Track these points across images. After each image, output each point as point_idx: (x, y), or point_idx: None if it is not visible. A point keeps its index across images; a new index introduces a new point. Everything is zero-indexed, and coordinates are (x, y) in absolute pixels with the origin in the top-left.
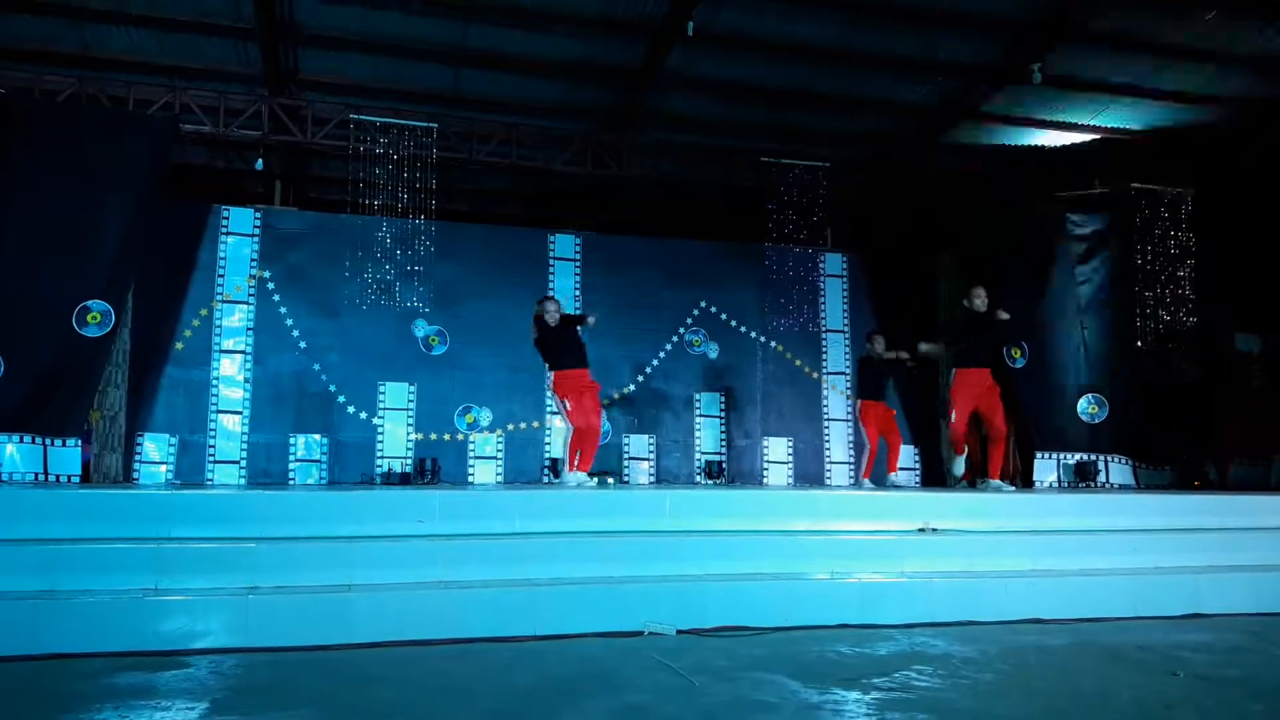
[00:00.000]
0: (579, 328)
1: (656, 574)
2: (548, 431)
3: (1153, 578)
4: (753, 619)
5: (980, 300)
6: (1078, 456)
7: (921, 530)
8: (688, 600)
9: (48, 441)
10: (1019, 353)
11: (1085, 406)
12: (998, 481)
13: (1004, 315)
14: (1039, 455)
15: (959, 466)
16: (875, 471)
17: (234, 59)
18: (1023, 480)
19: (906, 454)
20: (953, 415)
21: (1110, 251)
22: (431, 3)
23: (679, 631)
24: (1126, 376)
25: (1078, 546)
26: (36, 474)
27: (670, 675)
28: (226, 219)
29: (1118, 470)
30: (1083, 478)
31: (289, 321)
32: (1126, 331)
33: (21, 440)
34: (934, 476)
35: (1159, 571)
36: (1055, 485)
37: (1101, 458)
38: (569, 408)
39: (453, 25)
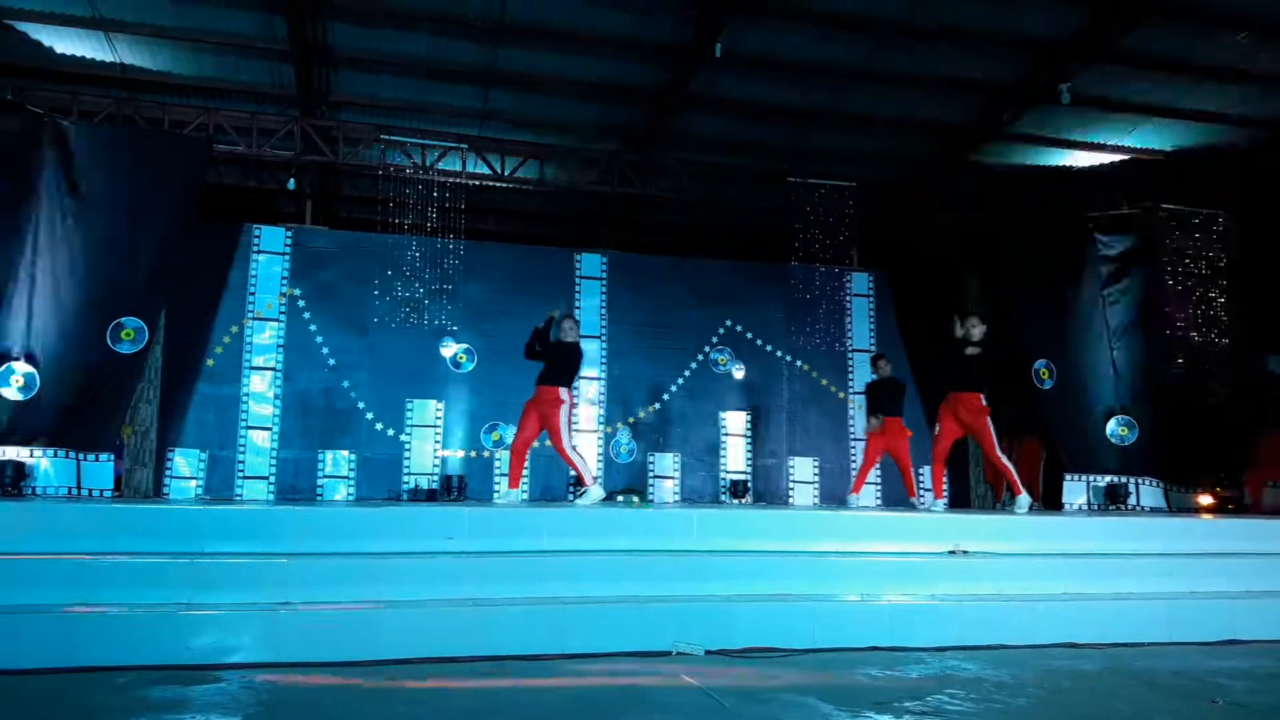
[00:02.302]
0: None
1: (684, 594)
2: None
3: (1187, 603)
4: (782, 640)
5: (976, 331)
6: (1108, 479)
7: (952, 552)
8: (716, 620)
9: (81, 456)
10: (1047, 374)
11: (1115, 428)
12: (1023, 496)
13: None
14: (1068, 478)
15: (938, 505)
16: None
17: (268, 80)
18: (1053, 503)
19: (930, 476)
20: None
21: (1140, 272)
22: (462, 25)
23: (707, 652)
24: (1157, 398)
25: (1110, 570)
26: (70, 488)
27: (701, 696)
28: (258, 237)
29: (1148, 493)
30: (1113, 500)
31: (319, 339)
32: (1157, 353)
33: (55, 455)
34: (961, 499)
35: (1193, 596)
36: (1085, 508)
37: (1132, 480)
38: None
39: (483, 47)
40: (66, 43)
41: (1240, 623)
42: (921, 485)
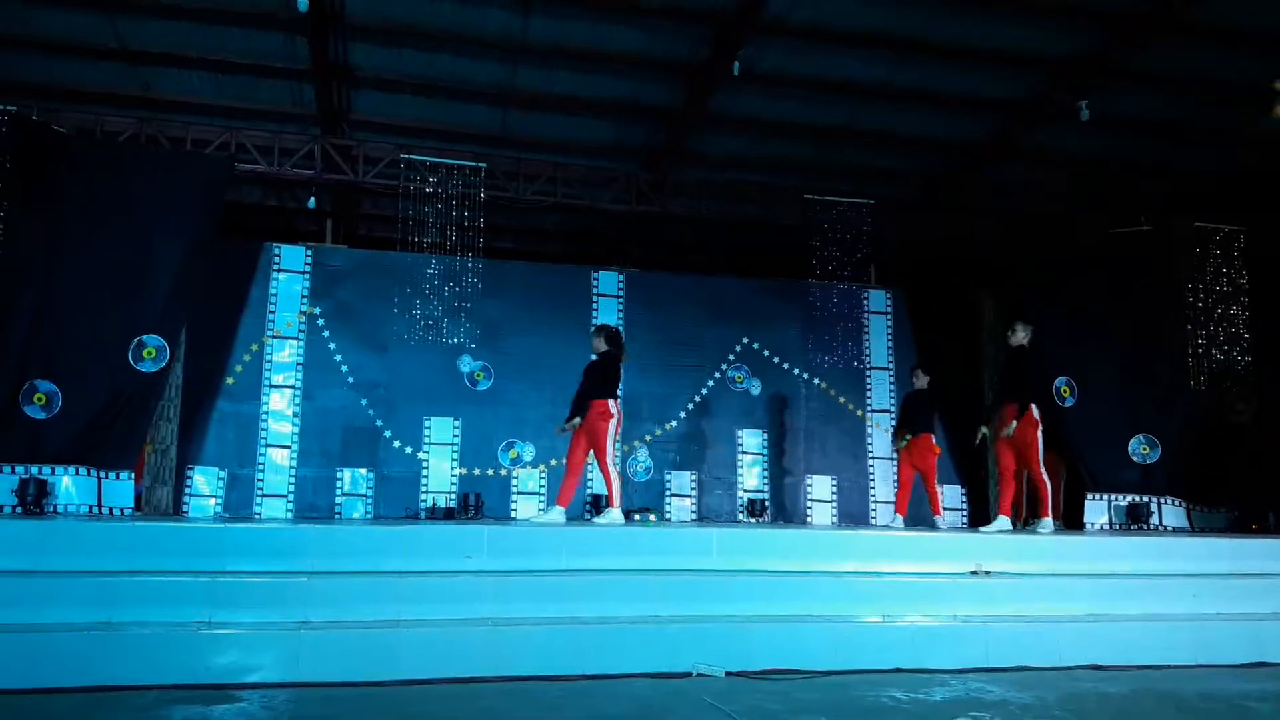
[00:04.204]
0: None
1: (704, 614)
2: (590, 468)
3: (1215, 624)
4: (803, 661)
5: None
6: (1130, 498)
7: (974, 573)
8: (736, 641)
9: (102, 474)
10: (1068, 391)
11: (1137, 447)
12: (1047, 520)
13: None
14: (1090, 497)
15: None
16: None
17: (289, 100)
18: (1073, 522)
19: (953, 494)
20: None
21: (1161, 289)
22: (481, 45)
23: (728, 673)
24: (1179, 417)
25: (1135, 591)
26: (90, 506)
27: (723, 718)
28: (278, 256)
29: (1171, 513)
30: (1135, 520)
31: (338, 357)
32: (1179, 371)
33: (77, 473)
34: (982, 518)
35: (1221, 618)
36: (1107, 527)
37: (1154, 499)
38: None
39: (501, 66)
40: (92, 63)
41: (1268, 644)
42: (946, 505)
